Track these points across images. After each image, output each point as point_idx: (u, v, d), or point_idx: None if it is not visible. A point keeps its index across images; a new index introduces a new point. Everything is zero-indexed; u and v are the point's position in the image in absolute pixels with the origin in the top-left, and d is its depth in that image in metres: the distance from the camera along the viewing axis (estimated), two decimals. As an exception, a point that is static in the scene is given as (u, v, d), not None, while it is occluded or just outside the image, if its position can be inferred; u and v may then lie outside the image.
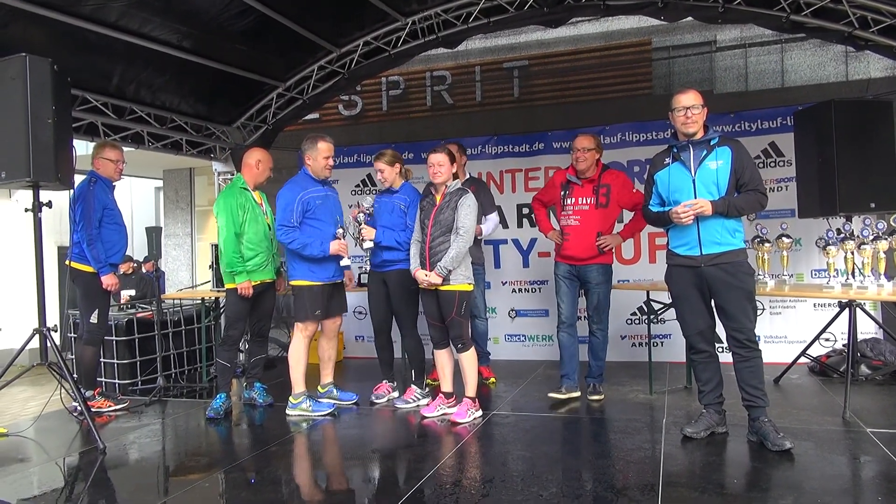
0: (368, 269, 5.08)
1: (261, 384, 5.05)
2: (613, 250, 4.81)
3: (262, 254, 4.71)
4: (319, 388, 4.89)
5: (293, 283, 4.66)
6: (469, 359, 4.39)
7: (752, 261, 4.00)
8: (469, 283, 4.38)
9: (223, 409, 4.68)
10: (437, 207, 4.38)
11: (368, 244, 4.63)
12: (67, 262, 4.79)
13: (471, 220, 4.31)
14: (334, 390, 4.94)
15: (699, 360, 3.87)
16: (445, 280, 4.29)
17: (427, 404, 4.64)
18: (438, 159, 4.38)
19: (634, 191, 4.86)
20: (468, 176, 5.53)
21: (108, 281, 4.77)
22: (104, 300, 4.87)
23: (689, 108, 3.64)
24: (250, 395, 5.01)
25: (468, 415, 4.33)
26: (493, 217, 5.40)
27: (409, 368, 4.95)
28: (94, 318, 4.78)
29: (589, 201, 4.72)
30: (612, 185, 4.75)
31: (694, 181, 3.68)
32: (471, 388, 4.40)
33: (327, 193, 4.71)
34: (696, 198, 3.64)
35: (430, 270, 4.30)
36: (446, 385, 4.55)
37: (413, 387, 4.80)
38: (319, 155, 4.62)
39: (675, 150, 3.79)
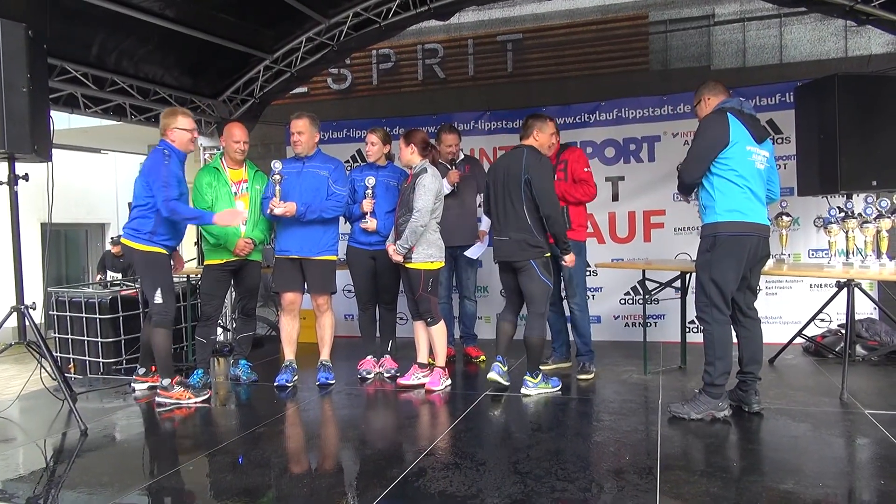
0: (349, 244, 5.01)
1: (246, 362, 5.03)
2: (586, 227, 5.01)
3: (228, 232, 4.64)
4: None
5: None
6: (438, 331, 4.56)
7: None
8: (433, 262, 4.49)
9: (200, 384, 4.62)
10: (406, 187, 4.54)
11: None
12: (119, 241, 4.44)
13: (425, 199, 4.35)
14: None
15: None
16: (407, 258, 4.43)
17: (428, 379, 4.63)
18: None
19: (586, 170, 4.80)
20: (463, 156, 5.43)
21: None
22: (166, 276, 4.39)
23: None
24: (235, 372, 5.01)
25: (441, 383, 4.53)
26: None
27: (385, 341, 5.11)
28: (157, 298, 4.26)
29: None
30: (570, 160, 4.78)
31: None
32: (441, 359, 4.60)
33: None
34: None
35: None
36: (421, 356, 4.69)
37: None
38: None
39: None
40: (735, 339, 3.82)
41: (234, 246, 4.63)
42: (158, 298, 4.26)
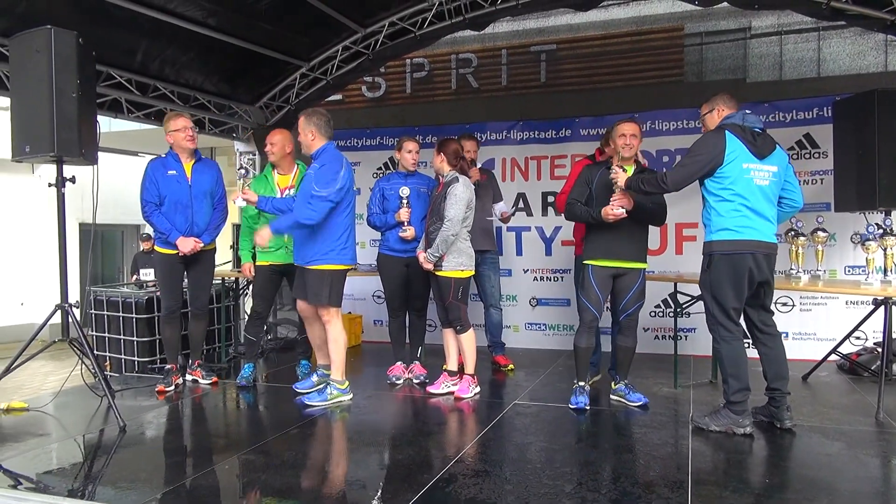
0: (379, 251, 5.06)
1: (307, 361, 5.22)
2: None
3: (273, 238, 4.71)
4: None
5: None
6: (468, 339, 4.56)
7: (785, 255, 3.87)
8: (463, 270, 4.52)
9: (252, 377, 4.94)
10: (437, 196, 4.58)
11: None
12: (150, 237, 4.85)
13: (456, 209, 4.39)
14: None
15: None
16: (438, 266, 4.47)
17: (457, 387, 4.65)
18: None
19: None
20: (479, 165, 5.51)
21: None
22: (160, 275, 4.95)
23: None
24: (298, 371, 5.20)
25: (470, 391, 4.57)
26: (500, 206, 5.48)
27: (415, 347, 5.18)
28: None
29: None
30: None
31: None
32: (470, 366, 4.61)
33: None
34: None
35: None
36: (451, 363, 4.70)
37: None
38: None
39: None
40: (758, 356, 3.83)
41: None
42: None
